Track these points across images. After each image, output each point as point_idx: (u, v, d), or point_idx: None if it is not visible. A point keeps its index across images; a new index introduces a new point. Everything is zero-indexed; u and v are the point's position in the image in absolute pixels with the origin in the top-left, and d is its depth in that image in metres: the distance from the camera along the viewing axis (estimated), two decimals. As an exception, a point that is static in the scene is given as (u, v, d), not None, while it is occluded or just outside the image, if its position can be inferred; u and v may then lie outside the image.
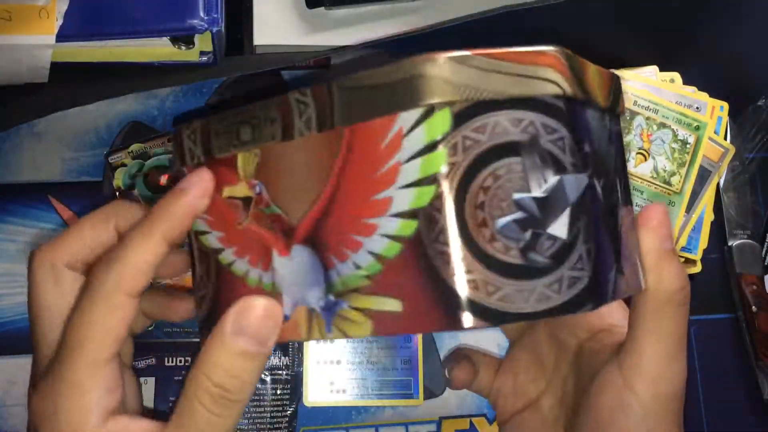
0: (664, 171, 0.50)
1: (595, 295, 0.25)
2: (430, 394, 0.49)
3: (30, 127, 0.50)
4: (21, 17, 0.39)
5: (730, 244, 0.52)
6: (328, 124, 0.26)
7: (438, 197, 0.24)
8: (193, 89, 0.51)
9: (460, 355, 0.45)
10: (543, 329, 0.40)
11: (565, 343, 0.37)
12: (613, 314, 0.36)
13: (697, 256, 0.50)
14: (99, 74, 0.45)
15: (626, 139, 0.50)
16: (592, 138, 0.27)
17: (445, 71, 0.24)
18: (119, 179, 0.49)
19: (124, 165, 0.49)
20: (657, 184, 0.50)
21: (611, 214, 0.27)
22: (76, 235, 0.31)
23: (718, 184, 0.52)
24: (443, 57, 0.24)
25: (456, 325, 0.24)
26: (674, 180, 0.50)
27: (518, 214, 0.24)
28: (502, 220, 0.24)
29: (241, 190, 0.29)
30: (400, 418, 0.49)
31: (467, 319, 0.23)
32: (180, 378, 0.47)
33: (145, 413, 0.31)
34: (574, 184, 0.25)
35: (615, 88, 0.30)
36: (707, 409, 0.52)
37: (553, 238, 0.24)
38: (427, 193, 0.24)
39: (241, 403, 0.28)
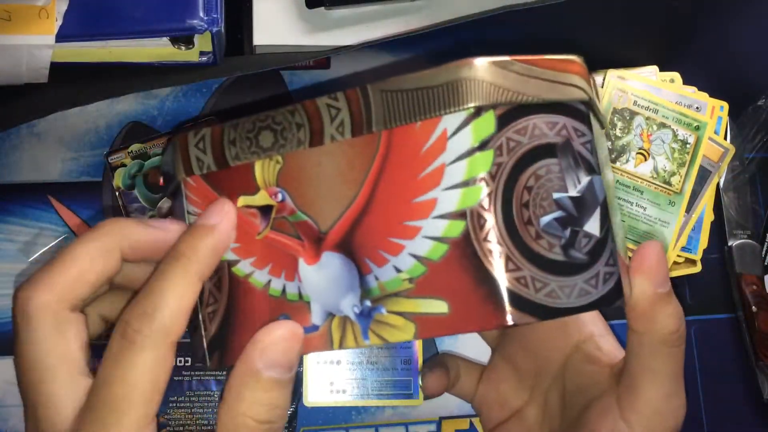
0: (664, 171, 0.50)
1: (621, 290, 0.26)
2: None
3: (30, 127, 0.50)
4: (21, 17, 0.39)
5: (730, 244, 0.52)
6: (364, 129, 0.26)
7: (487, 197, 0.24)
8: (193, 89, 0.51)
9: (435, 362, 0.45)
10: (518, 340, 0.39)
11: (545, 354, 0.37)
12: (592, 323, 0.36)
13: (697, 256, 0.50)
14: (99, 74, 0.45)
15: (626, 139, 0.50)
16: (603, 140, 0.29)
17: (488, 75, 0.25)
18: (119, 179, 0.49)
19: (123, 165, 0.49)
20: (657, 184, 0.50)
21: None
22: (78, 272, 0.26)
23: (718, 184, 0.52)
24: (486, 61, 0.25)
25: (504, 321, 0.24)
26: (674, 180, 0.50)
27: (558, 213, 0.25)
28: (546, 218, 0.25)
29: (260, 198, 0.28)
30: (400, 418, 0.49)
31: (516, 315, 0.24)
32: (179, 378, 0.47)
33: None
34: (600, 184, 0.26)
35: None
36: (707, 409, 0.52)
37: (589, 236, 0.25)
38: (476, 192, 0.24)
39: (283, 422, 0.27)
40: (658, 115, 0.50)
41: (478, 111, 0.24)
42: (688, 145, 0.50)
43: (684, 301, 0.53)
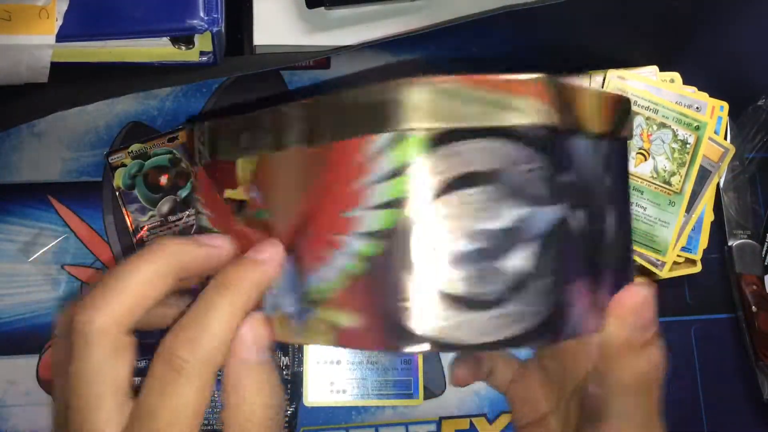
0: (664, 171, 0.50)
1: (548, 331, 0.24)
2: (430, 394, 0.49)
3: (30, 127, 0.50)
4: (21, 17, 0.39)
5: (730, 244, 0.52)
6: (316, 139, 0.26)
7: (403, 221, 0.24)
8: (193, 89, 0.51)
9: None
10: (551, 350, 0.39)
11: (570, 366, 0.37)
12: None
13: (697, 256, 0.50)
14: (99, 74, 0.45)
15: (626, 139, 0.50)
16: (578, 167, 0.26)
17: (420, 98, 0.24)
18: (119, 179, 0.49)
19: (124, 165, 0.49)
20: (657, 184, 0.50)
21: (594, 246, 0.27)
22: (136, 297, 0.27)
23: (718, 184, 0.52)
24: (420, 83, 0.24)
25: (398, 348, 0.24)
26: (674, 180, 0.50)
27: (477, 244, 0.24)
28: (462, 249, 0.24)
29: (239, 193, 0.30)
30: (400, 418, 0.49)
31: (409, 344, 0.24)
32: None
33: None
34: (544, 216, 0.24)
35: (620, 112, 0.29)
36: (707, 409, 0.52)
37: (509, 272, 0.24)
38: (394, 215, 0.24)
39: (282, 403, 0.28)
40: (658, 115, 0.50)
41: (404, 134, 0.24)
42: (688, 145, 0.50)
43: (684, 301, 0.53)
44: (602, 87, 0.51)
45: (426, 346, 0.24)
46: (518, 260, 0.24)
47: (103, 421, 0.26)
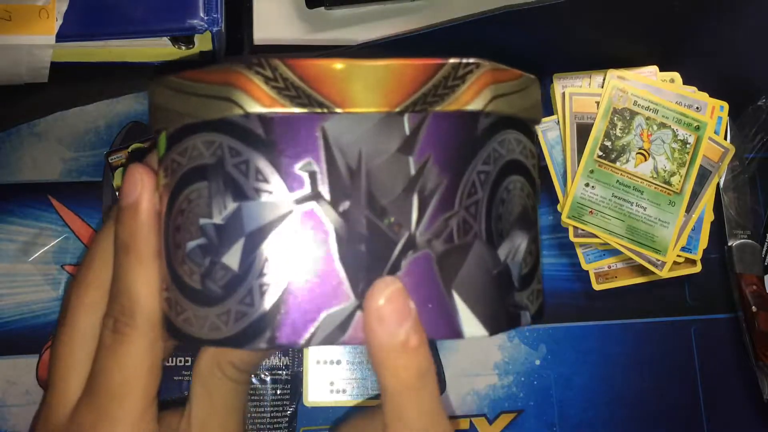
0: (664, 171, 0.50)
1: (268, 333, 0.23)
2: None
3: (30, 127, 0.50)
4: (21, 17, 0.39)
5: (730, 244, 0.52)
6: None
7: (157, 215, 0.26)
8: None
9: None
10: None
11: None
12: (397, 416, 0.32)
13: (697, 256, 0.50)
14: (99, 74, 0.45)
15: (626, 139, 0.50)
16: (341, 156, 0.23)
17: (160, 98, 0.25)
18: (119, 179, 0.49)
19: (123, 165, 0.49)
20: (657, 184, 0.50)
21: (374, 247, 0.24)
22: None
23: (718, 184, 0.52)
24: (158, 83, 0.25)
25: (165, 338, 0.27)
26: (674, 180, 0.50)
27: (201, 240, 0.24)
28: (190, 245, 0.25)
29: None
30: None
31: (166, 334, 0.26)
32: (179, 378, 0.47)
33: None
34: (255, 211, 0.23)
35: (437, 81, 0.25)
36: (707, 409, 0.52)
37: (226, 268, 0.24)
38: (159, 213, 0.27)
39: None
40: (658, 115, 0.50)
41: (157, 134, 0.26)
42: (688, 145, 0.50)
43: (684, 301, 0.53)
44: (602, 87, 0.51)
45: (176, 338, 0.25)
46: (230, 258, 0.24)
47: (66, 380, 0.29)
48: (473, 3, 0.44)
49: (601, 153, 0.50)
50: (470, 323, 0.24)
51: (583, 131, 0.50)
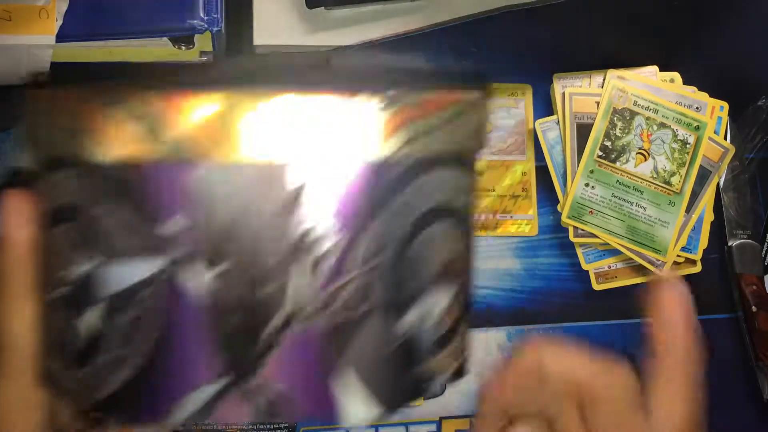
0: (664, 171, 0.50)
1: (126, 408, 0.21)
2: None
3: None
4: (21, 17, 0.39)
5: (730, 244, 0.52)
6: None
7: (35, 248, 0.24)
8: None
9: None
10: None
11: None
12: None
13: (697, 256, 0.50)
14: (99, 74, 0.45)
15: (626, 139, 0.50)
16: (214, 211, 0.20)
17: (34, 131, 0.23)
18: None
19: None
20: (657, 184, 0.50)
21: (248, 319, 0.20)
22: None
23: (718, 184, 0.52)
24: (35, 96, 0.23)
25: None
26: (674, 180, 0.50)
27: (62, 290, 0.22)
28: (53, 295, 0.23)
29: None
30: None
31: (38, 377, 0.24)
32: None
33: None
34: (119, 271, 0.21)
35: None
36: (707, 409, 0.52)
37: (83, 331, 0.22)
38: None
39: None
40: (658, 115, 0.50)
41: (35, 153, 0.23)
42: (688, 145, 0.50)
43: (684, 301, 0.53)
44: (602, 87, 0.51)
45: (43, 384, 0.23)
46: (91, 319, 0.21)
47: None
48: (473, 3, 0.44)
49: (601, 153, 0.50)
50: (359, 404, 0.21)
51: (583, 131, 0.50)
